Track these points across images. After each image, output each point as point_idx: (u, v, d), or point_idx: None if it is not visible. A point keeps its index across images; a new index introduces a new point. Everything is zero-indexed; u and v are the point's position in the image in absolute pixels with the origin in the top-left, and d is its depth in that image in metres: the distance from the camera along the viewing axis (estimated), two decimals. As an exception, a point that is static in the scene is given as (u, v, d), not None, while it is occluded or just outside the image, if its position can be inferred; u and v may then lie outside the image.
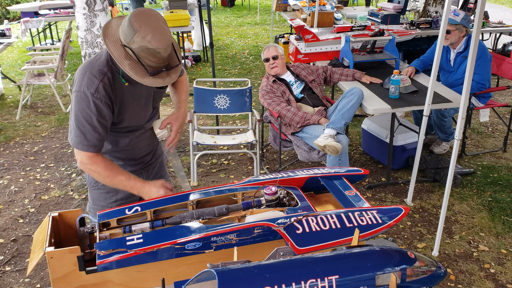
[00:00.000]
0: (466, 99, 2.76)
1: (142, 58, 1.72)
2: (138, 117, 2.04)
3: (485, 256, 3.11)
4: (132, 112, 1.98)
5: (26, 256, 3.23)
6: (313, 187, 2.03)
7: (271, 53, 3.95)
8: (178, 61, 1.86)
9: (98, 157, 1.89)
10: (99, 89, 1.81)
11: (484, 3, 2.58)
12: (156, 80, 1.77)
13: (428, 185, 4.01)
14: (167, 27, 1.76)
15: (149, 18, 1.71)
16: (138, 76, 1.75)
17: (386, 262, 1.17)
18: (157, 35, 1.69)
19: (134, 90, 1.94)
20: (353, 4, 12.31)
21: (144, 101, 2.02)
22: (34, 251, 1.59)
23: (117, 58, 1.74)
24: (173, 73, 1.84)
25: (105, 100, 1.83)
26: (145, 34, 1.67)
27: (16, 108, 5.92)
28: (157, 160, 2.33)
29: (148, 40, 1.67)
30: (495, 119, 5.28)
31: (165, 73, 1.80)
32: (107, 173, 1.89)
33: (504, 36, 6.85)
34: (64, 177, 4.30)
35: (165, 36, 1.70)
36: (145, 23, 1.69)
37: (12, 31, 7.05)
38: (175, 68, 1.83)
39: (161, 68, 1.76)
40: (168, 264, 1.58)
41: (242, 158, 4.61)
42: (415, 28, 5.72)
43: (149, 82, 1.77)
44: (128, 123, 2.01)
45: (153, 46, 1.68)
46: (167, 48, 1.72)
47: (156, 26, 1.70)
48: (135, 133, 2.10)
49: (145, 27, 1.68)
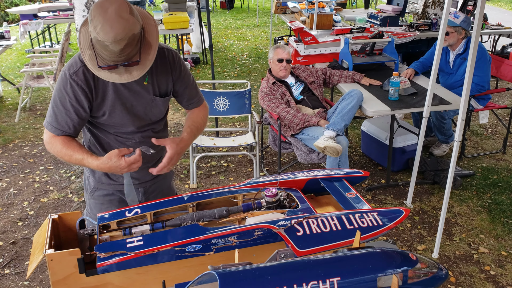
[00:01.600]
0: (466, 101, 2.76)
1: (96, 49, 1.62)
2: (123, 119, 1.92)
3: (485, 258, 3.11)
4: (114, 110, 1.88)
5: (25, 259, 3.22)
6: (313, 189, 2.03)
7: (286, 55, 3.89)
8: (139, 58, 1.67)
9: (61, 137, 1.85)
10: (79, 73, 1.77)
11: (484, 5, 2.58)
12: (112, 75, 1.66)
13: (428, 187, 4.01)
14: (131, 18, 1.59)
15: (108, 7, 1.57)
16: (94, 68, 1.67)
17: (387, 264, 1.17)
18: (106, 27, 1.55)
19: (121, 89, 1.85)
20: (352, 6, 12.33)
21: (133, 105, 1.90)
22: (34, 254, 1.59)
23: (81, 47, 1.68)
24: (134, 71, 1.68)
25: (82, 85, 1.78)
26: (96, 25, 1.57)
27: (15, 110, 5.92)
28: (156, 177, 2.15)
29: (97, 32, 1.57)
30: (495, 121, 5.28)
31: (123, 69, 1.66)
32: (64, 152, 1.83)
33: (503, 38, 6.86)
34: (64, 179, 4.29)
35: (114, 29, 1.55)
36: (100, 12, 1.57)
37: (11, 34, 7.04)
38: (136, 65, 1.68)
39: (115, 62, 1.63)
40: (169, 266, 1.57)
41: (241, 160, 4.61)
42: (414, 30, 5.73)
43: (104, 76, 1.67)
44: (109, 121, 1.91)
45: (101, 38, 1.56)
46: (118, 41, 1.56)
47: (110, 17, 1.56)
48: (121, 138, 1.99)
49: (98, 17, 1.57)
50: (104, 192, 2.11)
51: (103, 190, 2.11)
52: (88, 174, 2.13)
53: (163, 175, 2.19)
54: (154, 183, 2.18)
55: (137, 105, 1.91)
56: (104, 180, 2.09)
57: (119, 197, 2.12)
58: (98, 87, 1.82)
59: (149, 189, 2.18)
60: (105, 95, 1.85)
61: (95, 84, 1.81)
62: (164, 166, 1.87)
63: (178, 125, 5.44)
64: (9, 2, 12.36)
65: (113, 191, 2.11)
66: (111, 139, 2.00)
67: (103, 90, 1.84)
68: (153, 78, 1.91)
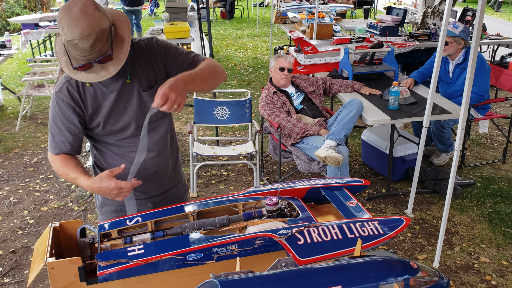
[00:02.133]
0: (465, 110, 2.77)
1: (69, 52, 1.60)
2: (120, 124, 1.87)
3: (486, 268, 3.10)
4: (109, 117, 1.83)
5: (25, 268, 3.21)
6: (314, 198, 2.03)
7: (288, 64, 3.92)
8: (111, 51, 1.62)
9: (60, 156, 1.84)
10: (63, 89, 1.77)
11: (483, 15, 2.60)
12: (89, 75, 1.63)
13: (428, 196, 4.01)
14: (97, 14, 1.56)
15: (72, 7, 1.55)
16: (71, 72, 1.64)
17: (389, 272, 1.17)
18: (72, 25, 1.52)
19: (110, 95, 1.81)
20: (351, 16, 12.40)
21: (126, 107, 1.84)
22: (35, 262, 1.58)
23: (57, 55, 1.67)
24: (110, 66, 1.63)
25: (67, 101, 1.77)
26: (63, 26, 1.54)
27: (15, 119, 5.93)
28: (166, 192, 2.10)
29: (64, 32, 1.54)
30: (494, 130, 5.29)
31: (98, 67, 1.62)
32: (61, 171, 1.83)
33: (502, 48, 6.90)
34: (64, 188, 4.29)
35: (80, 25, 1.52)
36: (65, 13, 1.54)
37: (13, 43, 7.08)
38: (111, 60, 1.63)
39: (89, 60, 1.59)
40: (169, 275, 1.57)
41: (241, 169, 4.61)
42: (414, 40, 5.76)
43: (81, 77, 1.64)
44: (108, 130, 1.87)
45: (69, 37, 1.53)
46: (85, 37, 1.52)
47: (75, 15, 1.53)
48: (125, 145, 1.93)
49: (64, 18, 1.54)
50: (112, 208, 2.07)
51: (110, 205, 2.07)
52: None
53: (173, 189, 2.13)
54: (164, 197, 2.12)
55: (130, 106, 1.85)
56: None
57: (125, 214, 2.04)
58: (86, 99, 1.80)
59: (158, 204, 2.09)
60: (96, 106, 1.82)
61: (82, 97, 1.79)
62: (159, 105, 1.60)
63: (179, 134, 5.45)
64: (10, 12, 12.43)
65: (121, 207, 2.02)
66: (114, 150, 1.95)
67: (93, 101, 1.81)
68: (137, 74, 1.83)
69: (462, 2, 16.18)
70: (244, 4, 15.83)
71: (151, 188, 2.05)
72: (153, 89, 1.85)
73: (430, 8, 6.27)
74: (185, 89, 1.66)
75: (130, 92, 1.84)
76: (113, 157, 1.97)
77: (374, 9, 12.73)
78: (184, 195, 2.26)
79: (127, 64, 1.74)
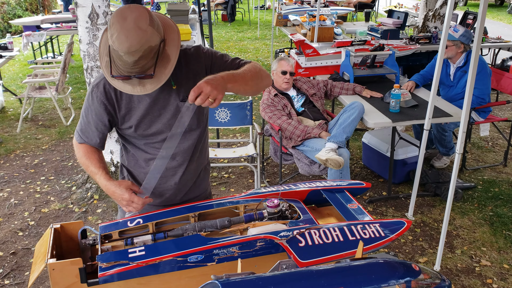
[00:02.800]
0: (466, 113, 2.77)
1: (112, 57, 1.58)
2: (151, 129, 1.84)
3: (487, 271, 3.10)
4: (142, 121, 1.81)
5: (26, 270, 3.21)
6: (315, 200, 2.03)
7: (290, 68, 3.90)
8: (153, 72, 1.59)
9: (83, 145, 1.85)
10: (100, 85, 1.76)
11: (484, 18, 2.61)
12: (125, 85, 1.62)
13: (429, 199, 4.01)
14: (149, 30, 1.52)
15: (127, 16, 1.52)
16: (108, 76, 1.64)
17: (390, 274, 1.16)
18: (122, 36, 1.50)
19: (145, 99, 1.78)
20: (352, 19, 12.42)
21: (161, 114, 1.81)
22: (36, 263, 1.58)
23: (100, 52, 1.65)
24: (148, 84, 1.61)
25: (101, 98, 1.76)
26: (112, 33, 1.52)
27: (17, 121, 5.93)
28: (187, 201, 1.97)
29: (112, 40, 1.52)
30: (495, 133, 5.29)
31: (136, 81, 1.60)
32: (83, 161, 1.84)
33: (503, 52, 6.90)
34: (65, 190, 4.29)
35: (130, 40, 1.49)
36: (118, 20, 1.52)
37: (14, 45, 7.10)
38: (150, 79, 1.60)
39: (129, 73, 1.57)
40: (170, 276, 1.57)
41: (242, 172, 4.61)
42: (415, 43, 5.77)
43: (117, 85, 1.64)
44: (140, 133, 1.84)
45: (115, 47, 1.52)
46: (132, 53, 1.51)
47: (127, 26, 1.50)
48: (153, 149, 1.88)
49: (116, 25, 1.52)
50: None
51: None
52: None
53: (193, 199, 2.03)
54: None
55: (164, 113, 1.82)
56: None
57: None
58: (121, 98, 1.78)
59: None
60: (130, 107, 1.80)
61: (118, 96, 1.77)
62: (192, 97, 1.55)
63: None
64: (12, 14, 12.46)
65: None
66: (139, 155, 1.93)
67: (127, 101, 1.79)
68: (178, 82, 1.79)
69: (463, 6, 16.20)
70: (245, 7, 15.86)
71: (170, 198, 2.00)
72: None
73: (431, 11, 6.28)
74: (224, 85, 1.61)
75: (167, 99, 1.80)
76: (137, 161, 1.96)
77: (375, 12, 12.75)
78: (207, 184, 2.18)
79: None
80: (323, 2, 9.60)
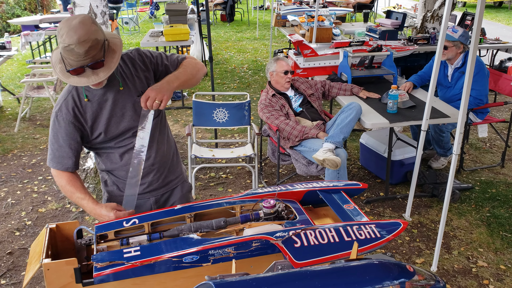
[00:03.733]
0: (464, 114, 2.77)
1: (64, 58, 1.74)
2: (119, 129, 2.01)
3: (484, 272, 3.10)
4: (109, 125, 1.98)
5: (22, 270, 3.21)
6: (311, 200, 2.03)
7: (289, 67, 3.93)
8: (103, 58, 1.78)
9: (65, 173, 1.98)
10: (62, 108, 1.92)
11: (481, 19, 2.61)
12: (81, 79, 1.76)
13: (427, 200, 4.01)
14: (93, 27, 1.73)
15: (72, 20, 1.73)
16: (64, 77, 1.77)
17: (385, 276, 1.16)
18: (71, 32, 1.69)
19: (106, 105, 1.95)
20: (351, 20, 12.43)
21: (124, 114, 1.99)
22: (31, 263, 1.58)
23: (53, 64, 1.81)
24: (101, 72, 1.78)
25: (67, 118, 1.91)
26: (62, 34, 1.70)
27: (14, 120, 5.93)
28: (167, 185, 2.23)
29: (63, 39, 1.69)
30: (493, 134, 5.30)
31: (90, 72, 1.76)
32: (67, 189, 1.98)
33: (501, 53, 6.91)
34: (62, 189, 4.28)
35: (78, 32, 1.68)
36: (66, 24, 1.71)
37: (13, 44, 7.09)
38: (101, 67, 1.78)
39: (82, 65, 1.73)
40: (166, 277, 1.57)
41: (240, 172, 4.61)
42: (413, 44, 5.77)
43: (73, 81, 1.77)
44: (109, 136, 2.00)
45: (66, 43, 1.69)
46: (81, 43, 1.68)
47: (74, 24, 1.70)
48: (125, 145, 2.05)
49: (64, 28, 1.70)
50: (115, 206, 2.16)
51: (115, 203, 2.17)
52: (104, 190, 2.22)
53: (175, 184, 2.26)
54: (166, 191, 2.23)
55: (126, 112, 2.00)
56: (116, 193, 2.17)
57: None
58: (85, 112, 1.94)
59: (160, 199, 2.23)
60: (95, 116, 1.95)
61: (81, 111, 1.93)
62: (144, 103, 1.88)
63: (178, 136, 5.45)
64: (11, 13, 12.45)
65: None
66: (112, 151, 2.07)
67: (91, 113, 1.95)
68: (129, 82, 1.99)
69: (462, 7, 16.22)
70: (244, 7, 15.87)
71: (152, 181, 2.15)
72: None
73: (430, 12, 6.28)
74: (169, 87, 1.93)
75: (125, 99, 1.98)
76: (111, 160, 2.10)
77: (374, 13, 12.76)
78: (187, 193, 2.35)
79: (117, 74, 1.94)
80: (322, 2, 9.61)
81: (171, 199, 2.26)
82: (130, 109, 2.00)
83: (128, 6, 13.27)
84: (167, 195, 2.25)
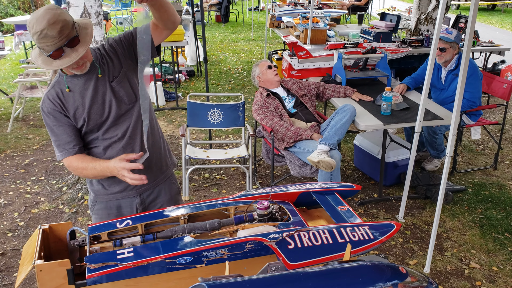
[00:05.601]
0: (457, 116, 2.79)
1: (41, 47, 1.80)
2: (102, 116, 2.05)
3: (476, 274, 3.12)
4: (91, 111, 2.02)
5: (14, 271, 3.19)
6: (305, 202, 2.03)
7: (270, 63, 4.06)
8: (77, 34, 1.83)
9: (73, 157, 2.03)
10: (45, 101, 1.99)
11: (475, 21, 2.63)
12: (63, 60, 1.82)
13: (420, 201, 4.03)
14: (59, 10, 1.79)
15: (38, 11, 1.79)
16: (47, 65, 1.83)
17: (377, 277, 1.17)
18: (40, 19, 1.75)
19: (87, 92, 2.00)
20: (345, 22, 12.46)
21: (104, 100, 2.03)
22: (23, 264, 1.57)
23: (33, 59, 1.88)
24: (79, 47, 1.84)
25: (52, 109, 1.98)
26: (32, 25, 1.77)
27: (7, 120, 5.89)
28: (155, 181, 2.22)
29: (34, 29, 1.76)
30: (486, 136, 5.33)
31: (69, 50, 1.82)
32: (80, 166, 2.02)
33: (494, 55, 6.95)
34: (55, 190, 4.26)
35: (46, 16, 1.75)
36: (33, 17, 1.77)
37: (6, 44, 7.05)
38: (78, 43, 1.83)
39: (60, 46, 1.79)
40: (159, 278, 1.56)
41: (234, 173, 4.61)
42: (407, 46, 5.79)
43: (57, 65, 1.83)
44: (93, 123, 2.04)
45: (38, 29, 1.74)
46: (52, 25, 1.74)
47: (40, 13, 1.76)
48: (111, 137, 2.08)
49: (31, 20, 1.77)
50: (102, 206, 2.21)
51: (101, 203, 2.21)
52: (90, 189, 2.23)
53: (162, 183, 2.25)
54: (153, 191, 2.22)
55: (106, 97, 2.03)
56: (101, 191, 2.18)
57: (116, 211, 2.20)
58: (67, 102, 1.99)
59: (146, 200, 2.22)
60: (77, 105, 2.00)
61: (63, 101, 1.99)
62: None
63: (172, 137, 5.44)
64: (4, 13, 12.38)
65: (111, 205, 2.20)
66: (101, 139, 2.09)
67: (73, 101, 2.00)
68: (105, 69, 2.03)
69: (456, 9, 16.31)
70: (239, 8, 15.86)
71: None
72: (118, 78, 2.05)
73: (424, 15, 6.31)
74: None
75: (103, 85, 2.03)
76: (95, 154, 2.12)
77: (368, 15, 12.79)
78: (175, 194, 2.34)
79: (96, 61, 1.99)
80: (317, 4, 9.63)
81: (158, 201, 2.25)
82: (109, 95, 2.03)
83: (123, 6, 13.22)
84: (154, 196, 2.23)
